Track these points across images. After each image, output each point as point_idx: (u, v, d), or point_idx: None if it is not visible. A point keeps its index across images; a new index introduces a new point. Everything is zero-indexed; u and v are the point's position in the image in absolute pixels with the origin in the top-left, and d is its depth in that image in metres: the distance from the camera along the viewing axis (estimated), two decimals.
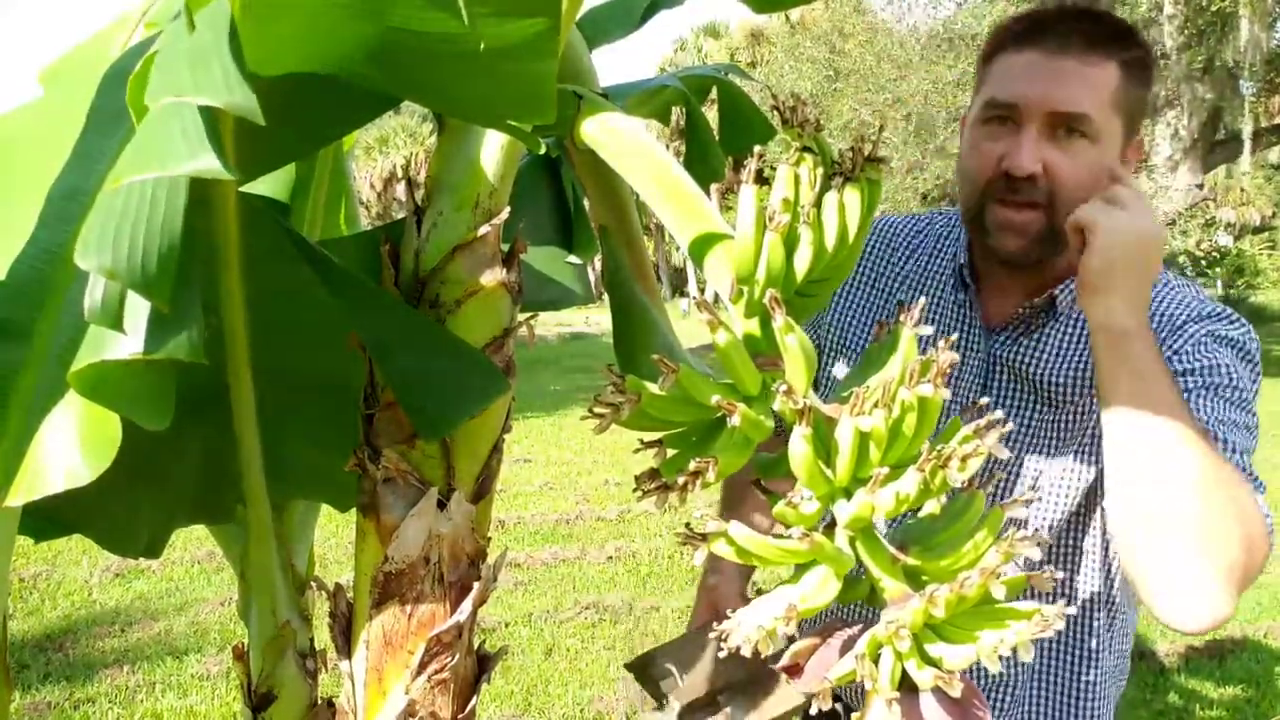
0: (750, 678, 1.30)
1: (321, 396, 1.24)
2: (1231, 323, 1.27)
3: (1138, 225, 1.11)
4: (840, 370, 1.44)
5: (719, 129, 1.55)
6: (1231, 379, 1.19)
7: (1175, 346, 1.23)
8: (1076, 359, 1.29)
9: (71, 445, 0.75)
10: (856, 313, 1.45)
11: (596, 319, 23.82)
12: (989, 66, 1.30)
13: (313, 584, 1.32)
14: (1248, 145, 14.76)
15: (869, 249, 1.48)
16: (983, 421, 0.78)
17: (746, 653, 0.79)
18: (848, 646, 0.83)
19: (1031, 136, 1.22)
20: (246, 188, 1.13)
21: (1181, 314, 1.27)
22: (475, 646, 1.13)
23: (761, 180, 0.80)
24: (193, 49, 0.71)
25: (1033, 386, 1.31)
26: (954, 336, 1.34)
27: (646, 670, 1.35)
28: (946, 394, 0.77)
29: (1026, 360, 1.31)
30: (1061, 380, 1.29)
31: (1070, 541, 1.33)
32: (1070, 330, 1.30)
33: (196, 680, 3.87)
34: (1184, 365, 1.21)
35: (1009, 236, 1.25)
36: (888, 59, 17.07)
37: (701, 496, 1.19)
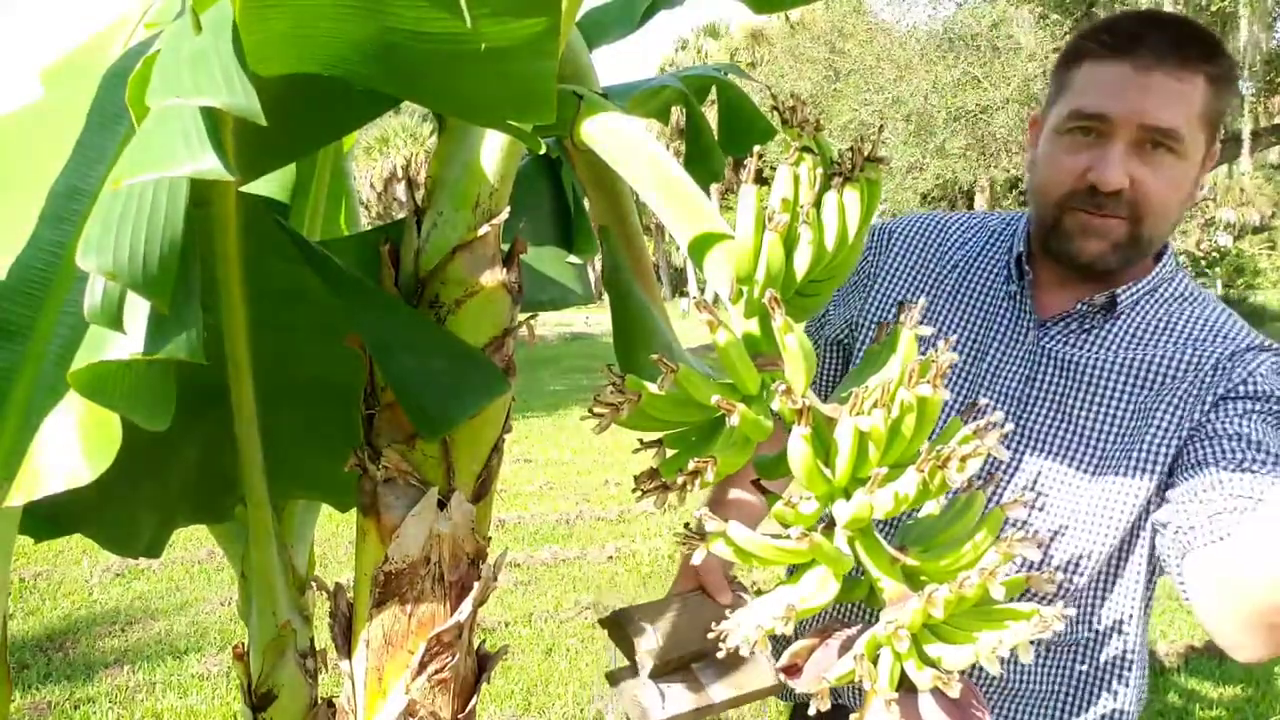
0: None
1: (321, 396, 1.24)
2: None
3: None
4: None
5: (719, 129, 1.55)
6: None
7: (1243, 375, 1.20)
8: (1135, 353, 1.26)
9: (71, 445, 0.75)
10: (899, 289, 1.43)
11: (596, 319, 23.82)
12: (1071, 73, 1.27)
13: (313, 584, 1.32)
14: (1247, 145, 14.78)
15: (920, 238, 1.46)
16: (982, 422, 0.78)
17: (745, 653, 0.79)
18: (846, 647, 0.83)
19: (1120, 150, 1.20)
20: (246, 188, 1.13)
21: (1237, 336, 1.25)
22: (475, 646, 1.13)
23: (761, 180, 0.80)
24: (195, 50, 0.71)
25: (1080, 380, 1.28)
26: (1001, 326, 1.32)
27: (621, 627, 1.32)
28: (946, 394, 0.77)
29: (1078, 354, 1.29)
30: (1115, 369, 1.26)
31: (1123, 552, 1.27)
32: (1129, 329, 1.28)
33: (197, 680, 3.87)
34: (1256, 390, 1.18)
35: (1090, 240, 1.24)
36: (888, 59, 17.08)
37: (702, 496, 1.18)
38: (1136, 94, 1.20)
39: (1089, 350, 1.29)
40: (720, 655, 1.25)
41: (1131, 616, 1.29)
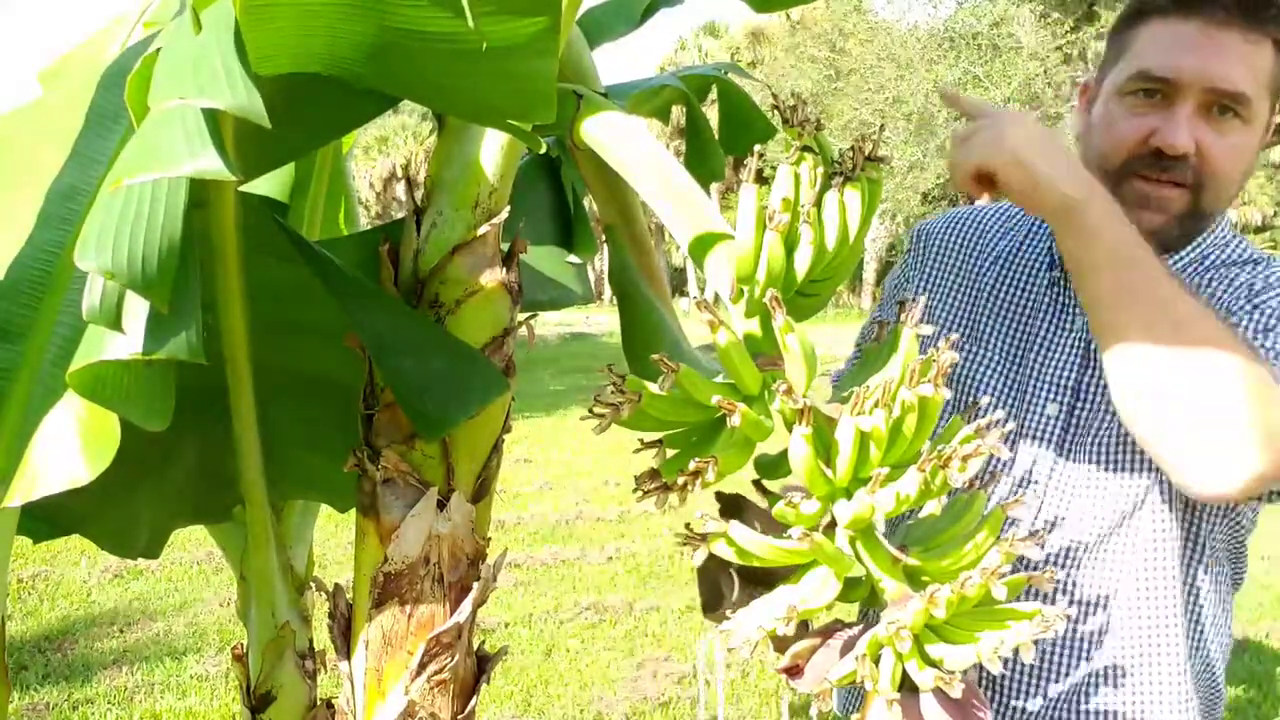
0: None
1: (321, 397, 1.24)
2: None
3: (1014, 120, 1.07)
4: None
5: (719, 128, 1.55)
6: None
7: (1260, 302, 1.16)
8: None
9: (70, 446, 0.75)
10: (942, 289, 1.39)
11: (597, 319, 23.82)
12: (1133, 32, 1.23)
13: (312, 585, 1.31)
14: None
15: (956, 237, 1.43)
16: (983, 422, 0.77)
17: (745, 655, 0.79)
18: (848, 647, 0.83)
19: (1187, 113, 1.16)
20: (245, 187, 1.13)
21: (1268, 284, 1.19)
22: (475, 647, 1.12)
23: (762, 180, 0.80)
24: (196, 50, 0.71)
25: None
26: (1046, 317, 1.28)
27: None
28: (947, 393, 0.76)
29: None
30: None
31: (1188, 548, 1.22)
32: None
33: (195, 681, 3.86)
34: (1267, 321, 1.14)
35: (1150, 212, 1.19)
36: (888, 58, 17.09)
37: (702, 496, 1.16)
38: (1206, 54, 1.16)
39: None
40: None
41: (1176, 614, 1.23)
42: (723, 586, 1.16)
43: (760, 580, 1.10)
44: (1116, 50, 1.27)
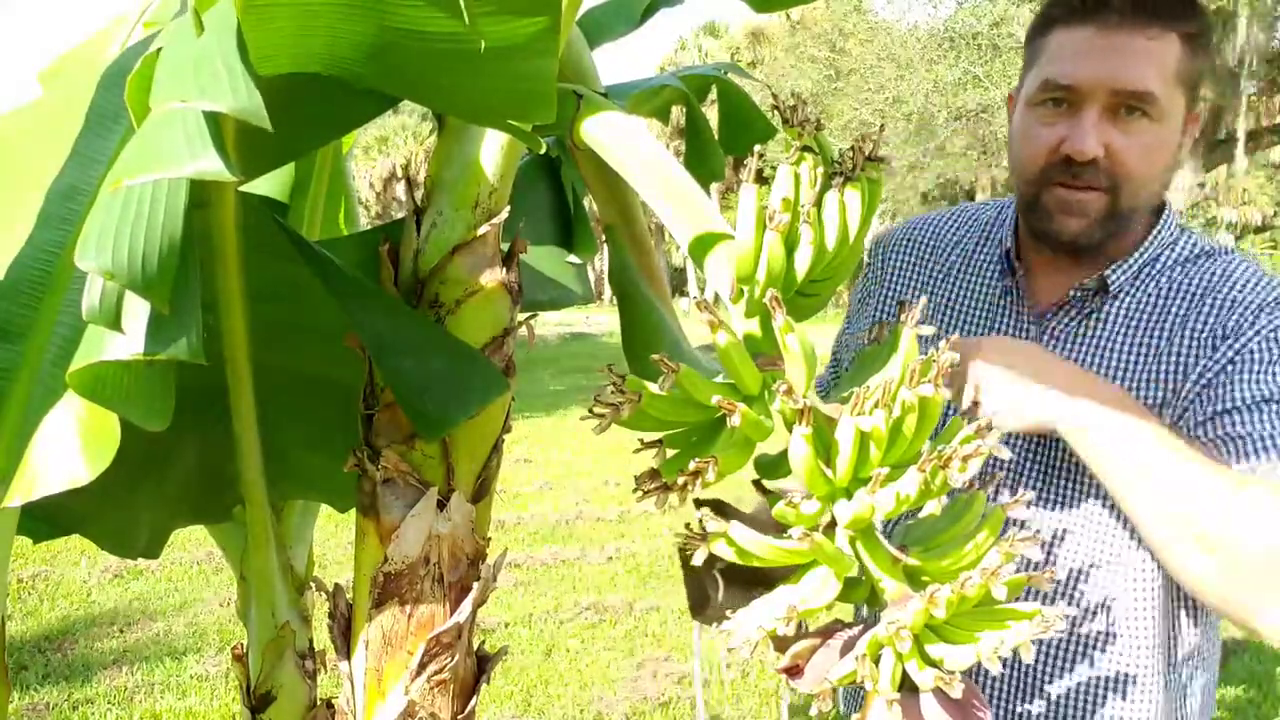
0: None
1: (321, 397, 1.24)
2: None
3: (999, 345, 1.14)
4: None
5: (719, 128, 1.55)
6: None
7: (1238, 346, 1.15)
8: (1137, 333, 1.23)
9: (70, 446, 0.75)
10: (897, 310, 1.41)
11: (597, 319, 23.82)
12: (1041, 41, 1.25)
13: (312, 585, 1.31)
14: (1241, 145, 14.82)
15: (914, 248, 1.44)
16: (983, 422, 0.78)
17: (746, 655, 0.79)
18: (848, 647, 0.83)
19: (1093, 118, 1.18)
20: (245, 187, 1.13)
21: (1250, 298, 1.19)
22: (475, 647, 1.12)
23: (762, 180, 0.80)
24: (198, 52, 0.71)
25: (1090, 369, 1.23)
26: (1001, 325, 1.30)
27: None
28: (947, 394, 0.76)
29: (1081, 343, 1.25)
30: (1120, 352, 1.22)
31: (1142, 554, 1.21)
32: (1132, 306, 1.24)
33: (195, 681, 3.86)
34: (1257, 393, 1.12)
35: (1069, 218, 1.21)
36: (888, 58, 17.10)
37: (702, 496, 1.14)
38: (1104, 57, 1.17)
39: (1092, 337, 1.25)
40: None
41: (1150, 623, 1.22)
42: (708, 588, 1.18)
43: (746, 580, 1.13)
44: (1029, 61, 1.28)
